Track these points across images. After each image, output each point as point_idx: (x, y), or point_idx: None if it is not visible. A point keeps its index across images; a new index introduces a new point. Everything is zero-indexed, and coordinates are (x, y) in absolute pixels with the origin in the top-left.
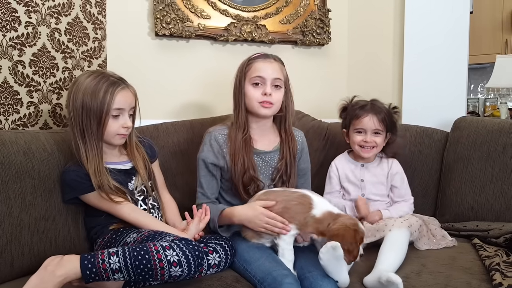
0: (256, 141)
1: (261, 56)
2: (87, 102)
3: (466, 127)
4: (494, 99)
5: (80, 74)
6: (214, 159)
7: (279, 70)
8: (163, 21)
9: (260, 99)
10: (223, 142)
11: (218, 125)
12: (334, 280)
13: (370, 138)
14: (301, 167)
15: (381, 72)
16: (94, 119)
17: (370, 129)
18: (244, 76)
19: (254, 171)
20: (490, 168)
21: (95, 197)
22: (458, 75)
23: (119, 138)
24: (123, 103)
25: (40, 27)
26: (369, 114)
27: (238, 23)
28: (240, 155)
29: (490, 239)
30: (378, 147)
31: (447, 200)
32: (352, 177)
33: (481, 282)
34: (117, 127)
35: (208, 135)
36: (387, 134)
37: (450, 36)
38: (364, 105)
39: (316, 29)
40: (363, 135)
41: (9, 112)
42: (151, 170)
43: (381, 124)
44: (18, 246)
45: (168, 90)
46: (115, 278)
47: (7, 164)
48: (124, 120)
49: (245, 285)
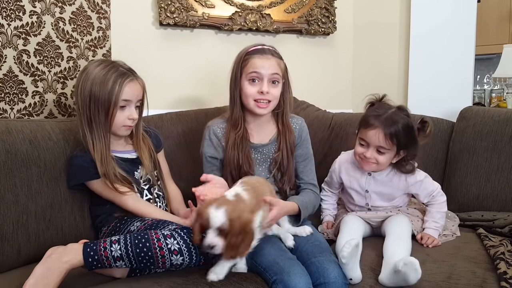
0: (253, 135)
1: (258, 51)
2: (95, 92)
3: (472, 117)
4: (500, 90)
5: (90, 62)
6: (214, 152)
7: (276, 65)
8: (168, 10)
9: (256, 97)
10: (222, 136)
11: (217, 118)
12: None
13: (371, 154)
14: (299, 153)
15: (386, 61)
16: (102, 110)
17: (373, 144)
18: (241, 71)
19: (249, 166)
20: (496, 158)
21: (100, 185)
22: (465, 65)
23: (124, 129)
24: (130, 95)
25: (44, 16)
26: (377, 127)
27: (242, 12)
28: (236, 151)
29: (495, 229)
30: (381, 165)
31: (452, 190)
32: (356, 186)
33: (485, 271)
34: (123, 119)
35: (207, 130)
36: (399, 152)
37: (457, 26)
38: (378, 114)
39: (321, 18)
40: (364, 148)
41: (14, 102)
42: (157, 160)
43: (388, 142)
44: (25, 234)
45: (172, 80)
46: (117, 265)
47: (13, 152)
48: (130, 111)
49: (250, 272)
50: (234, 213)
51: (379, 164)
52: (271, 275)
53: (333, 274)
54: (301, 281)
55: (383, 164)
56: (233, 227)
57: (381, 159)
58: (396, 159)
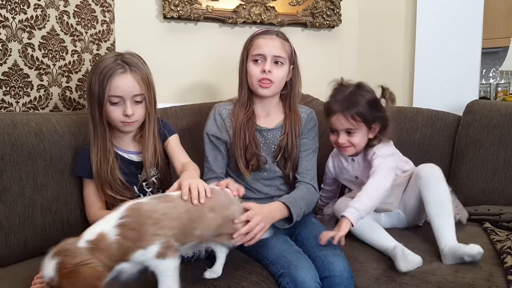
0: (260, 118)
1: (263, 32)
2: (90, 85)
3: (478, 111)
4: (506, 84)
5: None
6: (217, 132)
7: (280, 46)
8: (171, 3)
9: (259, 77)
10: (227, 116)
11: (225, 100)
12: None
13: (343, 139)
14: (302, 142)
15: (392, 55)
16: (96, 105)
17: (340, 128)
18: (247, 54)
19: (256, 147)
20: (503, 152)
21: (86, 185)
22: (471, 58)
23: (123, 126)
24: (120, 90)
25: (48, 9)
26: (337, 112)
27: (247, 5)
28: (243, 131)
29: (502, 223)
30: (357, 146)
31: (458, 184)
32: (347, 176)
33: (492, 265)
34: (118, 115)
35: (213, 110)
36: (370, 126)
37: (464, 19)
38: (336, 100)
39: (326, 11)
40: (335, 135)
41: (19, 95)
42: (163, 162)
43: (351, 121)
44: (31, 227)
45: (176, 73)
46: None
47: (19, 145)
48: (124, 107)
49: (255, 265)
50: (65, 269)
51: (356, 145)
52: (278, 268)
53: (338, 267)
54: (308, 275)
55: (359, 144)
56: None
57: (355, 140)
58: (372, 133)
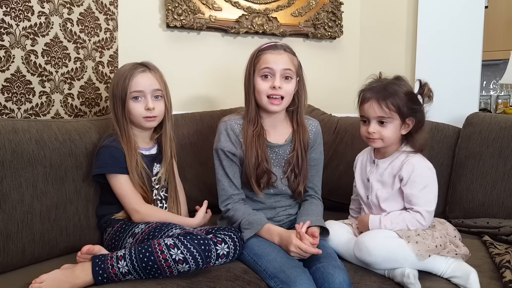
0: (269, 133)
1: (270, 47)
2: (113, 87)
3: (478, 123)
4: (506, 96)
5: None
6: (232, 148)
7: (288, 61)
8: (175, 12)
9: (269, 92)
10: (239, 132)
11: (232, 114)
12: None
13: (373, 128)
14: (312, 157)
15: (393, 66)
16: (119, 103)
17: (372, 116)
18: (254, 68)
19: (267, 163)
20: (502, 164)
21: (123, 181)
22: (472, 71)
23: (145, 120)
24: (141, 85)
25: (52, 17)
26: (371, 98)
27: (249, 15)
28: (254, 148)
29: (501, 237)
30: (386, 139)
31: (457, 196)
32: (363, 175)
33: (490, 279)
34: (140, 110)
35: (224, 124)
36: (404, 121)
37: (464, 31)
38: (371, 87)
39: (328, 22)
40: (366, 125)
41: (21, 101)
42: (174, 164)
43: (385, 109)
44: (30, 234)
45: (178, 82)
46: (126, 279)
47: (19, 152)
48: (145, 102)
49: (253, 276)
50: None
51: (385, 138)
52: (276, 283)
53: (338, 280)
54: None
55: (389, 138)
56: None
57: (385, 132)
58: (405, 129)
